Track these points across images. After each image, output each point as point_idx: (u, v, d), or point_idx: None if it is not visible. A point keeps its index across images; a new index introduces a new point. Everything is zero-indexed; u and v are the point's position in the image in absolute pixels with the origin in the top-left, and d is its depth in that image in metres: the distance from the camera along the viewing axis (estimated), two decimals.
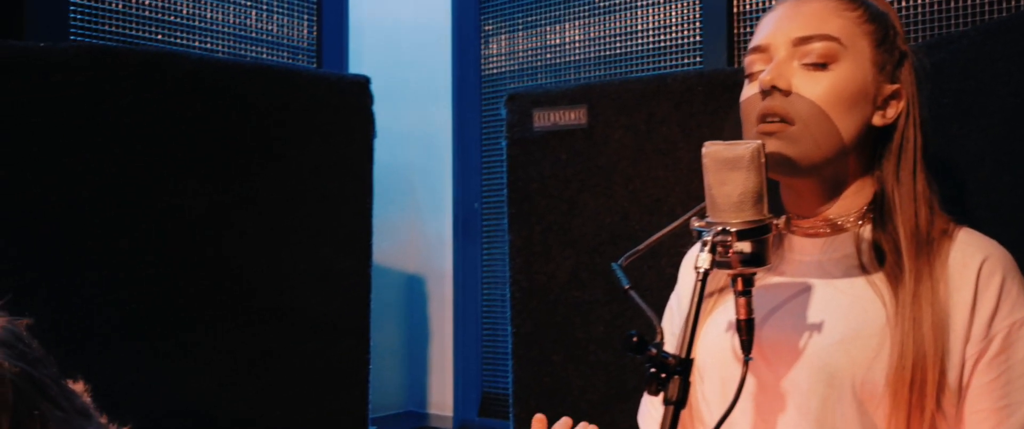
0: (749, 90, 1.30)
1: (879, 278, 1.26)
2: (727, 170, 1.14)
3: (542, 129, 2.21)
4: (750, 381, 1.27)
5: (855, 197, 1.31)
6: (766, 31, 1.30)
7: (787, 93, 1.24)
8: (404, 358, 3.07)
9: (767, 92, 1.25)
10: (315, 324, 2.19)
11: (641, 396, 1.59)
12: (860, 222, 1.30)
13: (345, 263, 2.23)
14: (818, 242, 1.31)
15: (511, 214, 2.26)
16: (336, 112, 2.23)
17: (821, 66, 1.25)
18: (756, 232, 1.13)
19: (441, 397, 3.06)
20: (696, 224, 1.17)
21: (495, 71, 2.91)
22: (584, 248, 2.17)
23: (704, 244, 1.13)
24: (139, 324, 1.96)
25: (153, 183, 1.98)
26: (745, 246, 1.13)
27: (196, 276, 2.03)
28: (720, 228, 1.12)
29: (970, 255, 1.24)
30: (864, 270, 1.27)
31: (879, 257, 1.27)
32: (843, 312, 1.25)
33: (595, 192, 2.16)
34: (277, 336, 2.14)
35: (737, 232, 1.12)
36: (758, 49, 1.30)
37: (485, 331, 2.95)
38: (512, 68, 2.87)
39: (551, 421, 1.33)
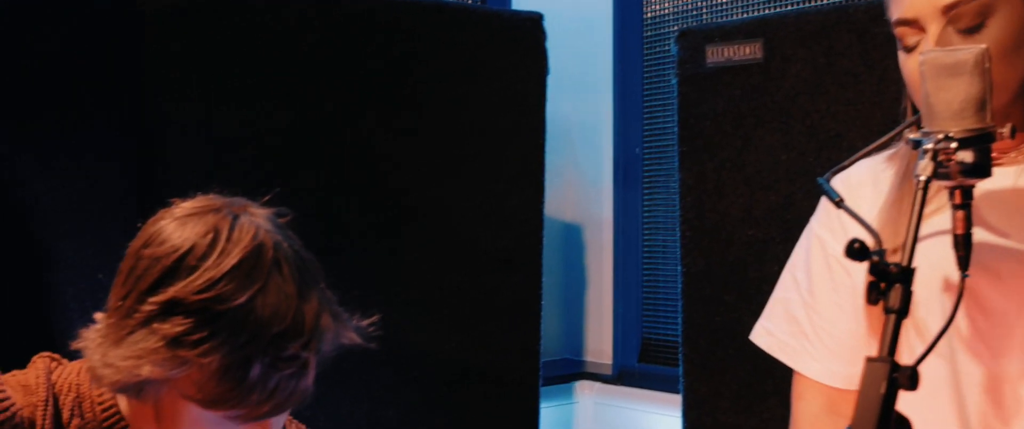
0: (910, 62, 1.24)
1: None
2: (947, 77, 1.09)
3: (715, 65, 2.17)
4: (932, 312, 1.23)
5: None
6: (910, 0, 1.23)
7: None
8: (561, 305, 3.08)
9: None
10: (488, 259, 2.22)
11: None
12: None
13: (517, 199, 2.25)
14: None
15: (682, 152, 2.23)
16: (509, 49, 2.25)
17: (977, 28, 1.18)
18: (979, 140, 1.08)
19: (599, 344, 3.06)
20: (912, 135, 1.13)
21: (657, 12, 2.87)
22: (758, 185, 2.12)
23: (924, 152, 1.08)
24: (321, 258, 2.02)
25: (335, 119, 2.03)
26: (966, 155, 1.08)
27: (374, 209, 2.08)
28: (942, 136, 1.08)
29: None
30: None
31: None
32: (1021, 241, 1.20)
33: (771, 128, 2.11)
34: (452, 270, 2.18)
35: (959, 140, 1.07)
36: (905, 22, 1.23)
37: (646, 277, 2.93)
38: (675, 9, 2.83)
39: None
